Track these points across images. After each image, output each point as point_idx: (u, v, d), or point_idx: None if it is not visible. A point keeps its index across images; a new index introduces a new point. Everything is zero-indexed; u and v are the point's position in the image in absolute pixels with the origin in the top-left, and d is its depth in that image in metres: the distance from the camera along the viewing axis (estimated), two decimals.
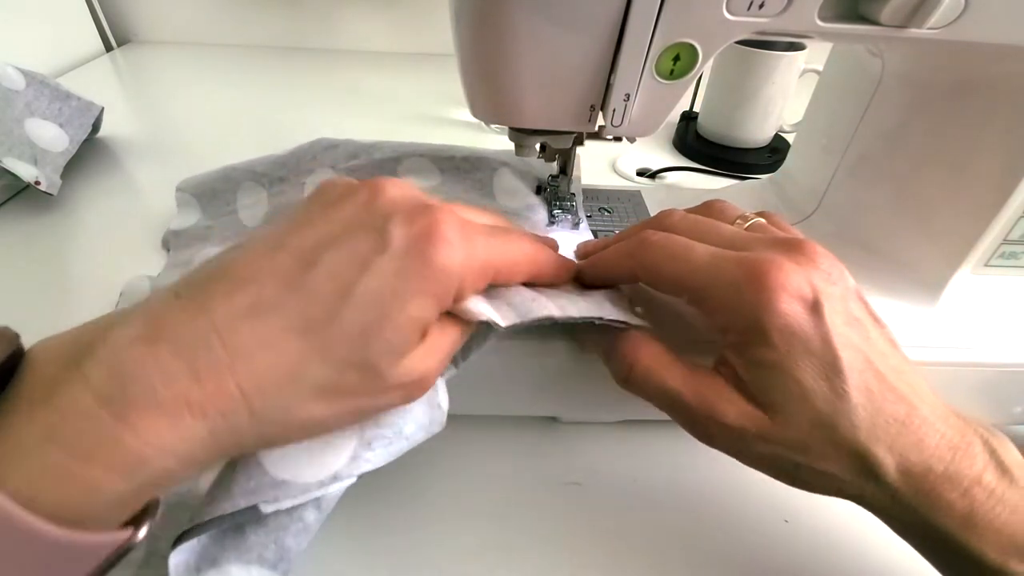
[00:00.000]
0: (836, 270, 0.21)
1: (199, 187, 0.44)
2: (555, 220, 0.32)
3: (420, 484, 0.28)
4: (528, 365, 0.26)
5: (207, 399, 0.14)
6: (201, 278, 0.16)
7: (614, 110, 0.24)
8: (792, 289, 0.19)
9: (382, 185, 0.19)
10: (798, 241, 0.21)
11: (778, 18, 0.21)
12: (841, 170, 0.32)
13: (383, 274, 0.16)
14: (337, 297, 0.16)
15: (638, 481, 0.29)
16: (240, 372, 0.15)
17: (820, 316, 0.19)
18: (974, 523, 0.19)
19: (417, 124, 0.66)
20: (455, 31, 0.23)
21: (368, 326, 0.16)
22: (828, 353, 0.19)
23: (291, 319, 0.16)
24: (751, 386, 0.20)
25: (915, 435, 0.19)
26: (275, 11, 0.86)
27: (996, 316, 0.29)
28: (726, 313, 0.20)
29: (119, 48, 0.86)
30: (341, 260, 0.17)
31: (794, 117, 0.59)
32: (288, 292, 0.16)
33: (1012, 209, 0.26)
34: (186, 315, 0.15)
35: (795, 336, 0.19)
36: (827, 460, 0.20)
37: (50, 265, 0.41)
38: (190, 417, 0.14)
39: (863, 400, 0.19)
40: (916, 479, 0.19)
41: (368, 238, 0.17)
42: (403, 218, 0.17)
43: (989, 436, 0.20)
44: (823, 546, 0.27)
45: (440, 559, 0.25)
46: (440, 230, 0.17)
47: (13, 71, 0.48)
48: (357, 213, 0.18)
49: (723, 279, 0.20)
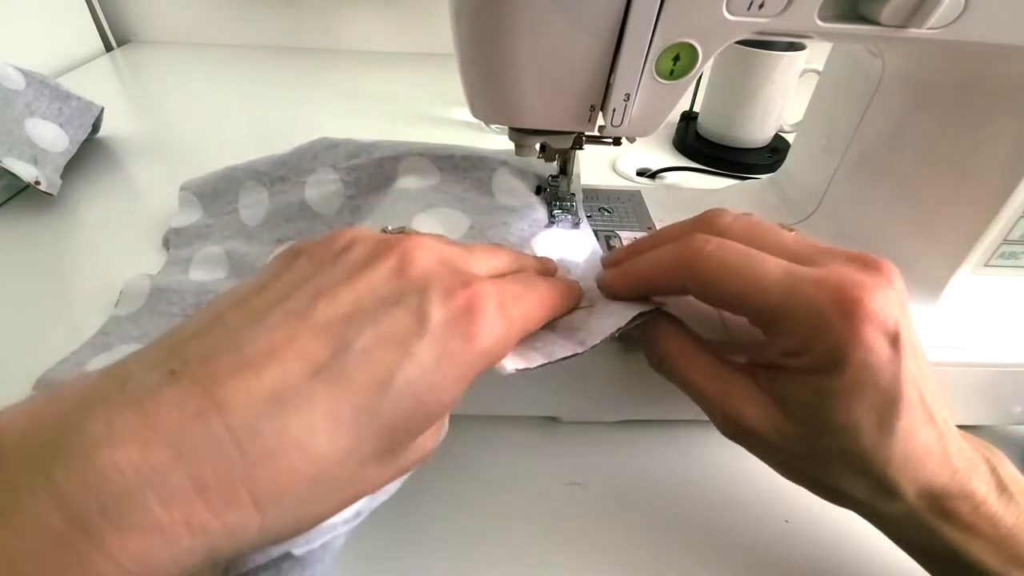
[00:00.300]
0: (904, 289, 0.19)
1: (202, 187, 0.45)
2: (555, 220, 0.32)
3: (420, 484, 0.28)
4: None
5: (212, 518, 0.12)
6: (202, 351, 0.13)
7: (614, 110, 0.24)
8: (879, 320, 0.18)
9: (411, 250, 0.17)
10: (872, 258, 0.19)
11: (778, 18, 0.21)
12: (841, 170, 0.32)
13: (424, 361, 0.15)
14: (375, 388, 0.14)
15: (638, 481, 0.29)
16: (258, 481, 0.12)
17: (898, 351, 0.18)
18: (977, 536, 0.19)
19: (417, 124, 0.66)
20: (455, 31, 0.23)
21: (405, 419, 0.15)
22: (893, 390, 0.18)
23: (320, 415, 0.13)
24: (794, 404, 0.19)
25: (939, 461, 0.19)
26: (275, 11, 0.86)
27: (996, 316, 0.29)
28: (802, 337, 0.19)
29: (119, 48, 0.86)
30: (376, 343, 0.14)
31: (794, 117, 0.59)
32: (317, 382, 0.13)
33: (1012, 209, 0.26)
34: (189, 405, 0.12)
35: (871, 371, 0.18)
36: (847, 481, 0.19)
37: (50, 265, 0.41)
38: (189, 539, 0.11)
39: (905, 435, 0.18)
40: (934, 501, 0.19)
41: (405, 317, 0.15)
42: (441, 295, 0.16)
43: (990, 455, 0.20)
44: (823, 546, 0.27)
45: (440, 559, 0.25)
46: (479, 307, 0.16)
47: (13, 71, 0.48)
48: (388, 283, 0.16)
49: (803, 302, 0.18)
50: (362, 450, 0.14)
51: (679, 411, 0.30)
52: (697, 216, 0.23)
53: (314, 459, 0.13)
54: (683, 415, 0.30)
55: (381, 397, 0.14)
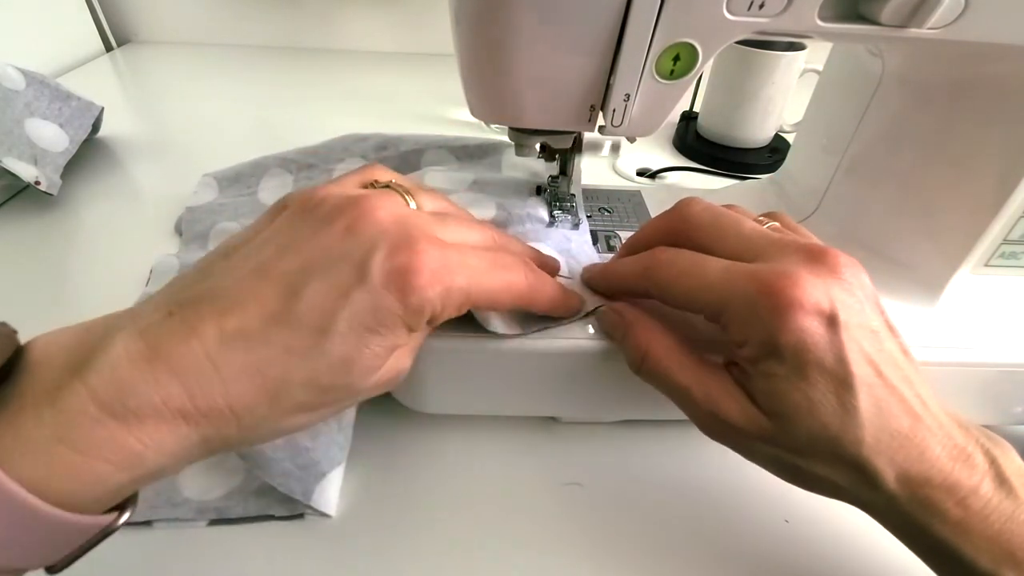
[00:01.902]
0: (857, 279, 0.20)
1: (224, 173, 0.48)
2: (555, 220, 0.32)
3: (419, 484, 0.28)
4: (528, 365, 0.26)
5: (201, 413, 0.16)
6: (191, 297, 0.17)
7: (614, 110, 0.24)
8: (809, 305, 0.19)
9: (372, 209, 0.19)
10: (820, 249, 0.20)
11: (778, 18, 0.21)
12: (841, 170, 0.32)
13: (360, 309, 0.17)
14: (318, 331, 0.17)
15: (638, 481, 0.29)
16: (231, 394, 0.16)
17: (836, 331, 0.19)
18: (968, 531, 0.19)
19: (417, 124, 0.66)
20: (455, 31, 0.23)
21: (346, 357, 0.17)
22: (841, 369, 0.19)
23: (276, 350, 0.17)
24: (759, 394, 0.20)
25: (918, 447, 0.19)
26: (275, 11, 0.86)
27: (996, 316, 0.29)
28: (741, 328, 0.20)
29: (119, 48, 0.86)
30: (321, 292, 0.17)
31: (794, 117, 0.59)
32: (273, 324, 0.17)
33: (1012, 209, 0.26)
34: (180, 335, 0.16)
35: (809, 352, 0.19)
36: (827, 467, 0.20)
37: (50, 265, 0.41)
38: (185, 426, 0.16)
39: (870, 415, 0.19)
40: (914, 488, 0.19)
41: (349, 270, 0.17)
42: (384, 251, 0.18)
43: (991, 445, 0.20)
44: (823, 546, 0.27)
45: (439, 559, 0.25)
46: (417, 266, 0.18)
47: (13, 71, 0.48)
48: (341, 241, 0.18)
49: (737, 295, 0.20)
50: (317, 381, 0.17)
51: (678, 411, 0.30)
52: (673, 205, 0.24)
53: (272, 384, 0.17)
54: (682, 415, 0.30)
55: (323, 338, 0.17)
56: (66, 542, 0.15)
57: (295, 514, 0.26)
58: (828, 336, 0.19)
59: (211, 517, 0.26)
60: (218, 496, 0.26)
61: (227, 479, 0.27)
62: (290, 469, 0.25)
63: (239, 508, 0.26)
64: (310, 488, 0.26)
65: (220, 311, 0.17)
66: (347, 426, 0.28)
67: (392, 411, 0.31)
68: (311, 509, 0.26)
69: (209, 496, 0.26)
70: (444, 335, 0.24)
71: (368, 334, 0.17)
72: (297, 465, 0.25)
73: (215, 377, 0.16)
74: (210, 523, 0.26)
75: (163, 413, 0.15)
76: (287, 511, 0.26)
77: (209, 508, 0.26)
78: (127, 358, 0.15)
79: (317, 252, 0.18)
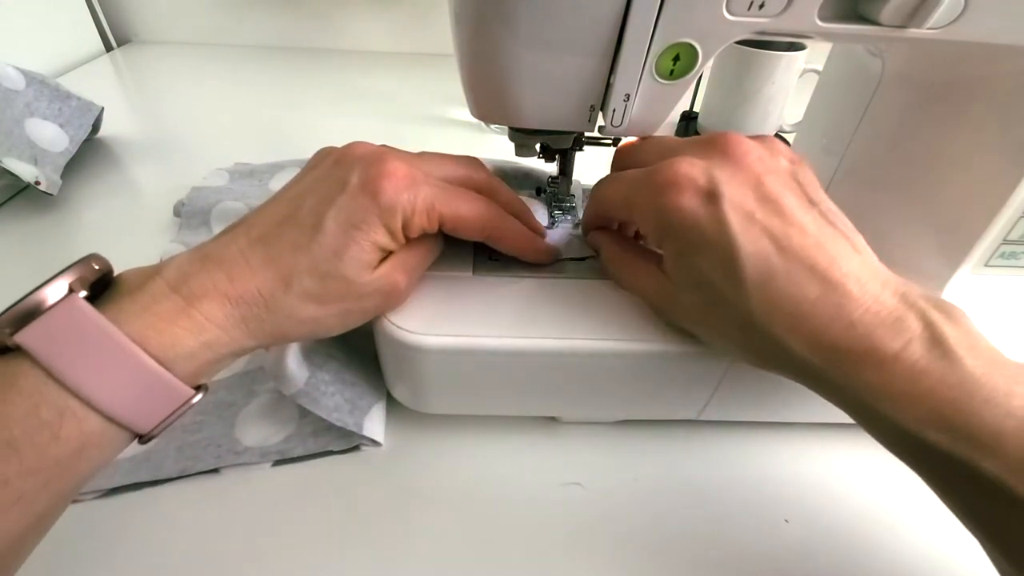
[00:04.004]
0: (755, 153, 0.21)
1: (239, 168, 0.50)
2: (555, 221, 0.32)
3: (419, 484, 0.28)
4: (529, 365, 0.26)
5: (239, 295, 0.21)
6: (217, 246, 0.22)
7: (614, 110, 0.24)
8: (684, 184, 0.21)
9: (355, 144, 0.24)
10: (714, 136, 0.22)
11: (778, 18, 0.21)
12: (841, 170, 0.32)
13: (343, 208, 0.22)
14: (312, 228, 0.21)
15: (638, 481, 0.29)
16: (259, 279, 0.21)
17: (716, 205, 0.20)
18: (891, 395, 0.18)
19: (417, 124, 0.66)
20: (455, 31, 0.23)
21: (337, 247, 0.21)
22: (724, 240, 0.20)
23: (285, 245, 0.21)
24: (669, 273, 0.23)
25: (826, 315, 0.19)
26: (275, 11, 0.86)
27: (996, 316, 0.29)
28: (643, 221, 0.23)
29: (119, 48, 0.86)
30: (315, 201, 0.22)
31: (794, 117, 0.59)
32: (283, 225, 0.22)
33: (1012, 209, 0.26)
34: (223, 243, 0.22)
35: (691, 228, 0.21)
36: (730, 337, 0.22)
37: (50, 265, 0.41)
38: (230, 305, 0.21)
39: (761, 284, 0.20)
40: (825, 355, 0.19)
41: (335, 184, 0.22)
42: (360, 167, 0.22)
43: (930, 309, 0.19)
44: (823, 546, 0.27)
45: (439, 559, 0.25)
46: (386, 172, 0.22)
47: (13, 71, 0.48)
48: (331, 168, 0.23)
49: (637, 191, 0.23)
50: (317, 269, 0.21)
51: (678, 411, 0.30)
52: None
53: (284, 271, 0.21)
54: (682, 415, 0.30)
55: (317, 232, 0.21)
56: (166, 403, 0.19)
57: (351, 447, 0.29)
58: (707, 211, 0.20)
59: (275, 459, 0.28)
60: (277, 441, 0.29)
61: (282, 428, 0.30)
62: (340, 403, 0.28)
63: (299, 448, 0.29)
64: (360, 420, 0.29)
65: (248, 226, 0.22)
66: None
67: (393, 411, 0.31)
68: (365, 439, 0.29)
69: (269, 442, 0.29)
70: (444, 335, 0.24)
71: (352, 229, 0.22)
72: (346, 399, 0.29)
73: (246, 267, 0.21)
74: (274, 464, 0.28)
75: (212, 293, 0.20)
76: (345, 444, 0.29)
77: (272, 451, 0.29)
78: (187, 260, 0.21)
79: (312, 181, 0.23)
